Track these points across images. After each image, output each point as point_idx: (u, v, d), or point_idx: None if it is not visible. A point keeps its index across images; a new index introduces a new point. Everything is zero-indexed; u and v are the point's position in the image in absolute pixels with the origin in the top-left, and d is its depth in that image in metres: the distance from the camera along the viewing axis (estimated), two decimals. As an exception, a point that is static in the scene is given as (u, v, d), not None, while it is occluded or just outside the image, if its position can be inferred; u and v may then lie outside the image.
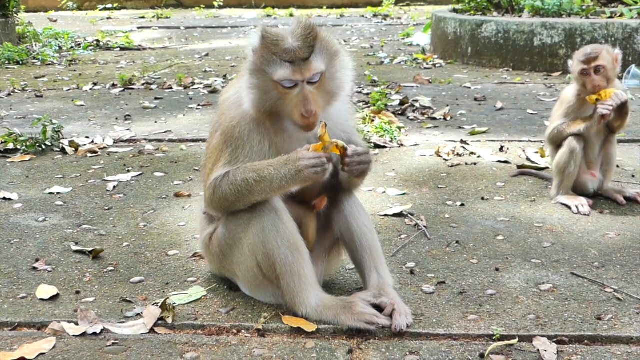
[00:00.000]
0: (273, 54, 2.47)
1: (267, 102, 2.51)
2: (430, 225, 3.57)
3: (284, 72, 2.46)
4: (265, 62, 2.48)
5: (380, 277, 2.71)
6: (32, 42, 11.38)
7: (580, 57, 3.80)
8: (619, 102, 3.67)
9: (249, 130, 2.58)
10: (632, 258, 3.13)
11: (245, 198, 2.55)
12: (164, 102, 6.98)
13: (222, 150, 2.62)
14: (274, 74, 2.47)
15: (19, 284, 2.97)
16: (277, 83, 2.47)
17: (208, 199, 2.66)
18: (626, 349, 2.40)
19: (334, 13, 18.41)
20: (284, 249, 2.55)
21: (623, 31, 7.73)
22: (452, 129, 5.61)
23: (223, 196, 2.58)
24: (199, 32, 14.36)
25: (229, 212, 2.65)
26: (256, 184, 2.51)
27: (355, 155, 2.56)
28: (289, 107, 2.49)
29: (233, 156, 2.59)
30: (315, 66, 2.47)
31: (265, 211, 2.56)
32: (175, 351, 2.41)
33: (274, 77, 2.47)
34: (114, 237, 3.49)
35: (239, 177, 2.53)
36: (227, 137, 2.60)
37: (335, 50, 2.57)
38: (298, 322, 2.55)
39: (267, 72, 2.48)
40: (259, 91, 2.51)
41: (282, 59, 2.46)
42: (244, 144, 2.58)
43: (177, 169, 4.67)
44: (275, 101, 2.51)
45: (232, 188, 2.54)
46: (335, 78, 2.56)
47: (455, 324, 2.57)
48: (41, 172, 4.63)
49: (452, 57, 9.34)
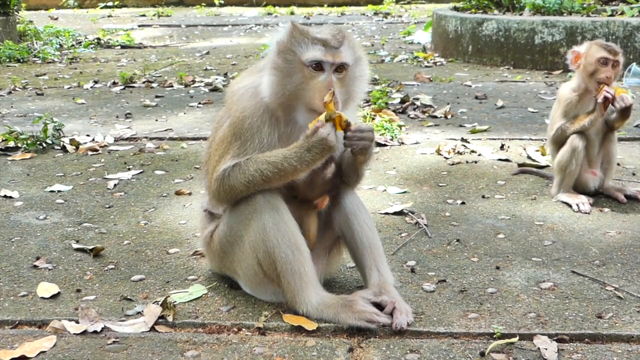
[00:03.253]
0: (305, 36, 2.50)
1: (289, 85, 2.50)
2: (430, 224, 3.57)
3: (315, 53, 2.47)
4: (295, 43, 2.49)
5: (381, 276, 2.71)
6: (33, 40, 11.39)
7: (604, 45, 3.73)
8: (623, 105, 3.68)
9: (260, 122, 2.57)
10: (632, 256, 3.13)
11: (255, 187, 2.55)
12: (164, 100, 6.98)
13: (230, 142, 2.61)
14: (303, 55, 2.48)
15: (20, 282, 2.97)
16: (304, 65, 2.48)
17: (215, 190, 2.64)
18: (627, 347, 2.40)
19: (334, 11, 18.39)
20: (284, 247, 2.55)
21: (624, 29, 7.72)
22: (453, 127, 5.61)
23: (231, 187, 2.58)
24: (199, 30, 14.36)
25: (231, 208, 2.66)
26: (270, 173, 2.51)
27: (358, 131, 2.55)
28: (310, 92, 2.49)
29: (242, 149, 2.58)
30: (345, 55, 2.51)
31: (266, 209, 2.56)
32: (176, 349, 2.42)
33: (302, 57, 2.48)
34: (114, 235, 3.50)
35: (251, 167, 2.53)
36: (237, 129, 2.59)
37: (360, 55, 2.63)
38: (299, 321, 2.55)
39: (296, 52, 2.49)
40: (282, 73, 2.50)
41: (314, 42, 2.48)
42: (254, 135, 2.57)
43: (177, 167, 4.67)
44: (298, 85, 2.50)
45: (242, 178, 2.54)
46: (355, 80, 2.60)
47: (455, 322, 2.57)
48: (42, 170, 4.63)
49: (453, 55, 9.34)
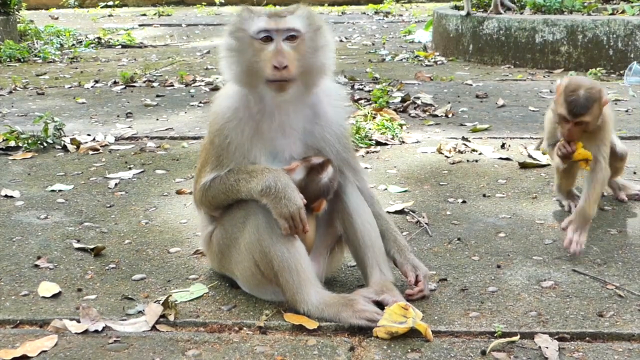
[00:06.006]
0: (252, 12, 2.59)
1: (244, 63, 2.57)
2: (431, 223, 3.56)
3: (260, 23, 2.55)
4: (242, 21, 2.59)
5: (382, 274, 2.71)
6: (34, 39, 11.38)
7: (569, 101, 3.17)
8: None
9: (231, 118, 2.64)
10: (633, 255, 3.13)
11: (237, 196, 2.64)
12: (165, 99, 6.98)
13: (208, 150, 2.71)
14: (250, 28, 2.55)
15: (21, 281, 2.98)
16: (253, 39, 2.54)
17: (198, 200, 2.78)
18: (627, 346, 2.40)
19: (335, 10, 18.37)
20: (279, 245, 2.56)
21: (625, 28, 7.71)
22: (454, 126, 5.61)
23: (213, 197, 2.68)
24: (200, 30, 14.35)
25: (226, 211, 2.72)
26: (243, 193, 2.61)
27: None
28: (262, 63, 2.54)
29: (219, 160, 2.65)
30: (291, 22, 2.55)
31: (260, 210, 2.58)
32: (177, 348, 2.42)
33: (250, 30, 2.55)
34: (115, 234, 3.50)
35: (231, 178, 2.61)
36: (212, 135, 2.68)
37: (319, 24, 2.64)
38: (300, 320, 2.55)
39: (244, 28, 2.57)
40: (236, 52, 2.59)
41: (259, 14, 2.57)
42: (227, 138, 2.63)
43: (178, 166, 4.67)
44: (251, 58, 2.56)
45: (223, 189, 2.64)
46: (317, 50, 2.60)
47: (456, 321, 2.57)
48: (43, 170, 4.63)
49: (453, 54, 9.33)
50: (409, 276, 2.75)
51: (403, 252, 2.81)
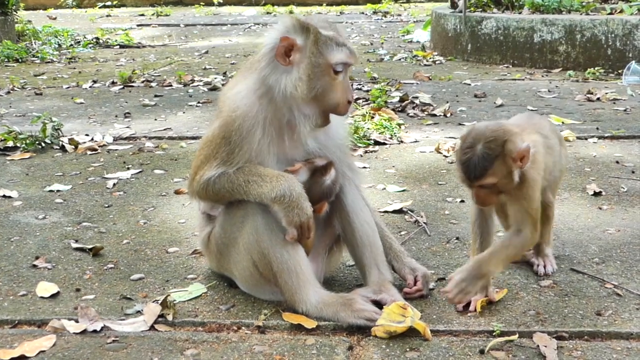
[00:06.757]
0: (330, 40, 2.52)
1: (317, 88, 2.51)
2: (430, 222, 3.56)
3: (341, 55, 2.52)
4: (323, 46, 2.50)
5: (381, 274, 2.71)
6: (32, 39, 11.38)
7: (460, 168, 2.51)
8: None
9: (252, 123, 2.55)
10: (632, 254, 3.13)
11: (242, 196, 2.59)
12: (163, 99, 6.98)
13: (218, 145, 2.59)
14: (332, 58, 2.51)
15: (19, 281, 2.97)
16: (331, 68, 2.51)
17: (196, 192, 2.69)
18: (626, 345, 2.40)
19: (333, 10, 18.38)
20: (278, 247, 2.55)
21: (623, 27, 7.72)
22: (452, 126, 5.61)
23: (216, 192, 2.62)
24: (198, 30, 14.35)
25: (225, 210, 2.70)
26: (252, 196, 2.57)
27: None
28: (337, 95, 2.53)
29: (230, 157, 2.57)
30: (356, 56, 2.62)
31: (259, 211, 2.57)
32: (176, 348, 2.42)
33: (331, 60, 2.50)
34: (113, 234, 3.49)
35: (240, 178, 2.55)
36: (226, 131, 2.57)
37: None
38: (298, 319, 2.55)
39: (324, 55, 2.50)
40: (307, 75, 2.50)
41: (339, 44, 2.53)
42: (243, 141, 2.55)
43: (176, 166, 4.67)
44: (325, 86, 2.52)
45: (229, 186, 2.57)
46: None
47: (455, 320, 2.57)
48: (41, 170, 4.63)
49: (452, 54, 9.33)
50: (407, 279, 2.76)
51: (399, 257, 2.83)
